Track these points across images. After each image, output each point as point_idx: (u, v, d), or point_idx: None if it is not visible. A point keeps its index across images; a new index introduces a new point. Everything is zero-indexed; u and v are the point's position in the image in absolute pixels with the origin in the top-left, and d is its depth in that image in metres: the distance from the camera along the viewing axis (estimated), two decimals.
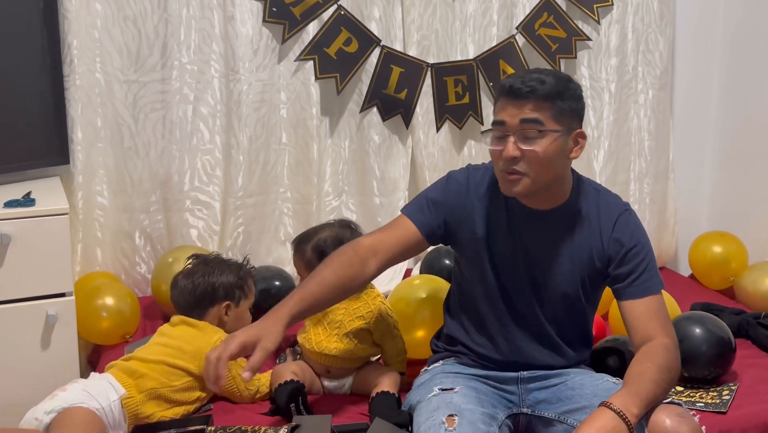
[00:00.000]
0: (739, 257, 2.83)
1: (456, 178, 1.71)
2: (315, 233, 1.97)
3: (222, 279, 1.89)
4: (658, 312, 1.59)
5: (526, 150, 1.53)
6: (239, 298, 1.92)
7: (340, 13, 2.54)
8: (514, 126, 1.53)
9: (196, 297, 1.87)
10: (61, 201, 2.07)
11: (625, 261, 1.62)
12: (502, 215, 1.66)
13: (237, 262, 1.99)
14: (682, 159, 3.10)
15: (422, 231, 1.67)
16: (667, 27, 2.91)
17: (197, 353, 1.74)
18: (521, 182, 1.55)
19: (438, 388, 1.63)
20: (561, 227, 1.65)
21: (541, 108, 1.53)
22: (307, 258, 1.93)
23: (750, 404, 1.86)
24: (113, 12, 2.36)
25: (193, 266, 1.93)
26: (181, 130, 2.47)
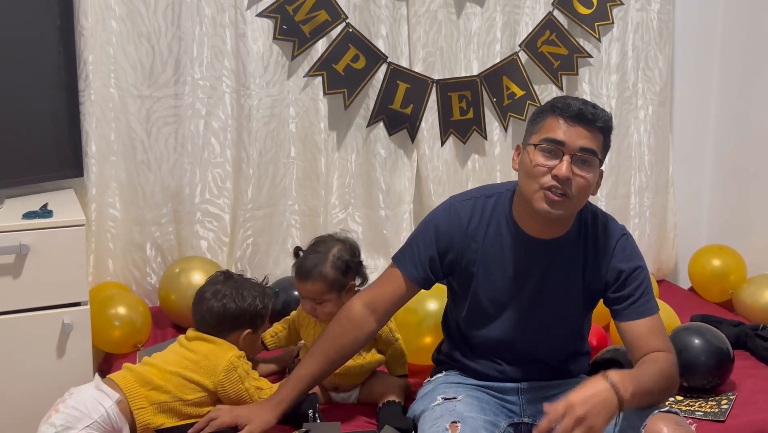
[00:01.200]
0: (737, 270, 2.86)
1: (444, 218, 1.70)
2: (320, 255, 1.88)
3: (249, 306, 1.84)
4: (659, 330, 1.63)
5: (579, 175, 1.53)
6: (259, 325, 1.89)
7: (348, 30, 2.60)
8: (573, 149, 1.53)
9: (223, 320, 1.82)
10: (77, 213, 2.13)
11: (624, 285, 1.65)
12: (500, 245, 1.67)
13: (259, 285, 1.93)
14: (681, 174, 3.14)
15: (417, 283, 1.70)
16: (666, 45, 2.97)
17: (213, 369, 1.75)
18: (564, 204, 1.55)
19: (441, 397, 1.67)
20: (560, 255, 1.66)
21: (598, 140, 1.56)
22: (331, 279, 1.85)
23: (748, 413, 1.90)
24: (128, 29, 2.42)
25: (222, 287, 1.86)
26: (193, 144, 2.53)
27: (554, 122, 1.55)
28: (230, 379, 1.75)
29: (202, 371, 1.76)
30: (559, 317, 1.71)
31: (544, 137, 1.55)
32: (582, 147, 1.53)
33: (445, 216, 1.69)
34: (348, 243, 1.94)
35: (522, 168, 1.61)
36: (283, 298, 2.37)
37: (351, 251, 1.91)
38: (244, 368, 1.78)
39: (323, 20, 2.57)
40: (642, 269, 1.67)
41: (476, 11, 2.75)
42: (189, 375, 1.74)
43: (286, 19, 2.53)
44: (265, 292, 1.91)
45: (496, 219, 1.67)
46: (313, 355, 1.70)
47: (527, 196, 1.58)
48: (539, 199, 1.55)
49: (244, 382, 1.77)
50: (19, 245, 1.92)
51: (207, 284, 1.89)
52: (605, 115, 1.57)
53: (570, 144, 1.53)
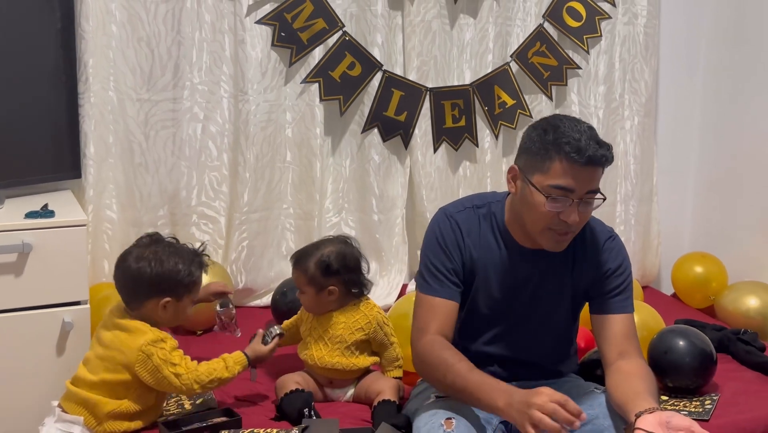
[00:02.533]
0: (719, 277, 2.92)
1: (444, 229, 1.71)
2: (316, 249, 1.98)
3: (169, 272, 1.71)
4: (633, 332, 1.68)
5: (584, 214, 1.58)
6: (183, 294, 1.75)
7: (345, 39, 2.65)
8: (581, 194, 1.54)
9: (138, 285, 1.71)
10: (78, 213, 2.16)
11: (609, 281, 1.70)
12: (496, 253, 1.71)
13: (190, 251, 1.80)
14: (665, 183, 3.22)
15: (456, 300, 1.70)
16: (651, 58, 3.05)
17: (128, 362, 1.67)
18: (569, 239, 1.62)
19: (435, 395, 1.71)
20: (553, 261, 1.70)
21: (600, 174, 1.57)
22: (311, 274, 1.94)
23: (731, 413, 1.96)
24: (128, 34, 2.45)
25: (144, 250, 1.75)
26: (191, 148, 2.56)
27: (563, 167, 1.52)
28: (146, 369, 1.68)
29: (120, 367, 1.68)
30: (551, 321, 1.76)
31: (553, 184, 1.54)
32: (591, 190, 1.56)
33: (446, 226, 1.71)
34: (342, 252, 1.97)
35: (525, 203, 1.61)
36: (290, 297, 2.38)
37: (340, 257, 1.96)
38: (159, 355, 1.68)
39: (321, 28, 2.62)
40: (626, 268, 1.72)
41: (469, 22, 2.81)
42: (113, 378, 1.68)
43: (285, 27, 2.58)
44: (194, 260, 1.78)
45: (489, 229, 1.72)
46: (467, 370, 1.59)
47: (531, 231, 1.62)
48: (546, 239, 1.61)
49: (162, 370, 1.67)
50: (22, 244, 1.94)
51: (132, 245, 1.79)
52: (610, 153, 1.56)
53: (580, 190, 1.54)
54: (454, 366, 1.57)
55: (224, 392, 1.98)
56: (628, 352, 1.64)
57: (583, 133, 1.54)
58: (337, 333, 1.95)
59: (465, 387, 1.54)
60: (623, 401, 1.52)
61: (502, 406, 1.45)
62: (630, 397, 1.50)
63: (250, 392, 2.01)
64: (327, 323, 1.97)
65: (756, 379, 2.19)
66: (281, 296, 2.48)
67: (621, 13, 2.98)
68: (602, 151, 1.54)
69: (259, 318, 2.57)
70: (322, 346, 1.96)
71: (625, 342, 1.65)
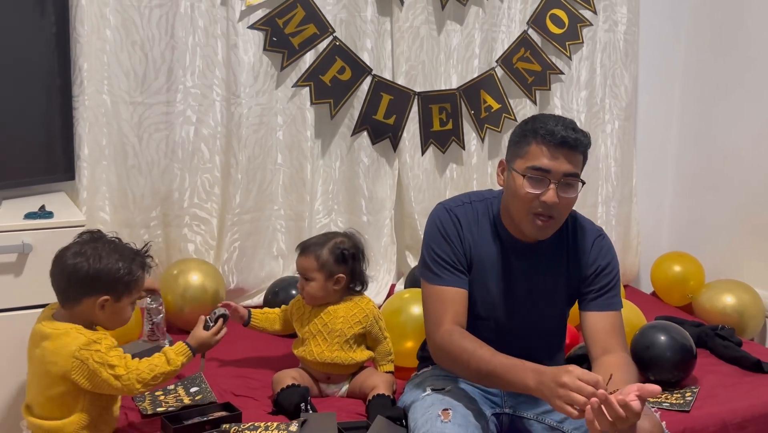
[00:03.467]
0: (696, 275, 3.01)
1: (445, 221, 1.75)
2: (327, 238, 2.03)
3: (106, 269, 1.61)
4: (619, 329, 1.72)
5: (564, 197, 1.62)
6: (122, 293, 1.64)
7: (335, 44, 2.70)
8: (558, 176, 1.61)
9: (73, 282, 1.61)
10: (76, 214, 2.18)
11: (597, 279, 1.76)
12: (493, 247, 1.76)
13: (132, 250, 1.71)
14: (644, 185, 3.30)
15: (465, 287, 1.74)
16: (631, 64, 3.14)
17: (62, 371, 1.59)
18: (551, 226, 1.66)
19: (430, 388, 1.76)
20: (546, 256, 1.77)
21: (579, 161, 1.64)
22: (323, 259, 1.98)
23: (710, 405, 2.05)
24: (122, 38, 2.48)
25: (83, 246, 1.65)
26: (183, 150, 2.59)
27: (539, 150, 1.61)
28: (83, 375, 1.59)
29: (57, 378, 1.59)
30: (543, 315, 1.81)
31: (530, 165, 1.62)
32: (566, 173, 1.61)
33: (446, 218, 1.76)
34: (353, 238, 2.05)
35: (509, 190, 1.69)
36: (282, 297, 2.44)
37: (353, 247, 2.02)
38: (94, 358, 1.58)
39: (311, 33, 2.66)
40: (614, 266, 1.78)
41: (456, 28, 2.88)
42: (50, 392, 1.61)
43: (276, 32, 2.62)
44: (136, 259, 1.68)
45: (486, 224, 1.78)
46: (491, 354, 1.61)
47: (516, 219, 1.69)
48: (528, 223, 1.66)
49: (100, 374, 1.58)
50: (22, 244, 1.96)
51: (72, 242, 1.69)
52: (585, 138, 1.64)
53: (555, 171, 1.61)
54: (475, 352, 1.60)
55: (220, 387, 2.01)
56: (613, 348, 1.68)
57: (560, 121, 1.64)
58: (337, 327, 2.00)
59: (493, 371, 1.57)
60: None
61: (533, 385, 1.48)
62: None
63: (246, 388, 2.05)
64: (326, 318, 2.02)
65: (733, 372, 2.28)
66: (273, 295, 2.52)
67: (602, 20, 3.07)
68: (575, 135, 1.61)
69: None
70: (321, 341, 2.00)
71: (611, 338, 1.69)
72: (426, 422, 1.62)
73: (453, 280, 1.73)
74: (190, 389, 2.00)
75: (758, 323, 2.79)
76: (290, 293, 2.44)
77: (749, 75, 2.97)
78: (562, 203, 1.63)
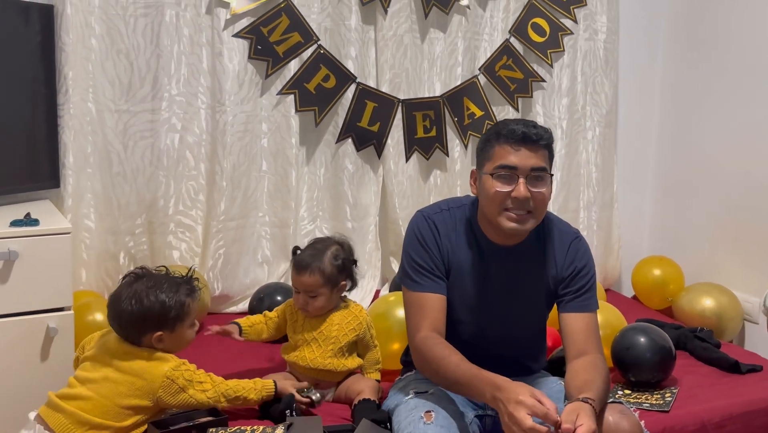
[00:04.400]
0: (676, 279, 3.05)
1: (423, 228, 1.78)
2: (320, 252, 1.98)
3: (150, 308, 1.70)
4: (594, 330, 1.75)
5: (535, 192, 1.66)
6: (173, 325, 1.74)
7: (320, 52, 2.73)
8: (525, 171, 1.65)
9: (126, 326, 1.72)
10: (61, 221, 2.18)
11: (574, 280, 1.79)
12: (471, 252, 1.79)
13: (176, 279, 1.77)
14: (625, 190, 3.35)
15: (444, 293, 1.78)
16: (611, 72, 3.19)
17: (150, 388, 1.70)
18: (529, 219, 1.69)
19: (413, 391, 1.78)
20: (524, 260, 1.79)
21: (544, 155, 1.68)
22: (328, 273, 1.96)
23: (689, 405, 2.08)
24: (107, 46, 2.49)
25: (127, 288, 1.74)
26: (168, 158, 2.60)
27: (503, 150, 1.67)
28: (169, 392, 1.72)
29: (139, 392, 1.70)
30: (523, 318, 1.84)
31: (498, 165, 1.67)
32: (533, 167, 1.66)
33: (424, 226, 1.79)
34: (345, 244, 2.05)
35: (482, 194, 1.72)
36: (267, 303, 2.46)
37: (348, 250, 2.04)
38: (184, 376, 1.73)
39: (296, 42, 2.69)
40: (590, 268, 1.81)
41: (439, 36, 2.92)
42: (127, 402, 1.69)
43: (261, 40, 2.64)
44: (180, 288, 1.75)
45: (464, 230, 1.80)
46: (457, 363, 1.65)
47: (492, 220, 1.72)
48: (504, 220, 1.68)
49: (186, 390, 1.73)
50: (8, 252, 1.97)
51: (119, 286, 1.78)
52: (546, 132, 1.69)
53: (522, 167, 1.65)
54: (444, 360, 1.65)
55: None
56: (588, 349, 1.71)
57: (520, 121, 1.70)
58: (332, 334, 2.00)
59: (458, 380, 1.62)
60: (570, 394, 1.63)
61: (489, 398, 1.53)
62: (574, 391, 1.60)
63: None
64: (321, 324, 2.01)
65: (712, 373, 2.32)
66: (258, 302, 2.53)
67: (582, 29, 3.12)
68: (535, 130, 1.66)
69: None
70: (315, 347, 2.00)
71: (587, 339, 1.73)
72: (409, 424, 1.64)
73: (431, 286, 1.76)
74: None
75: (737, 325, 2.84)
76: (275, 299, 2.46)
77: (725, 82, 3.03)
78: (535, 198, 1.67)
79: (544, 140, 1.68)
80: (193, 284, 1.80)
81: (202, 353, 2.33)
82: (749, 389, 2.20)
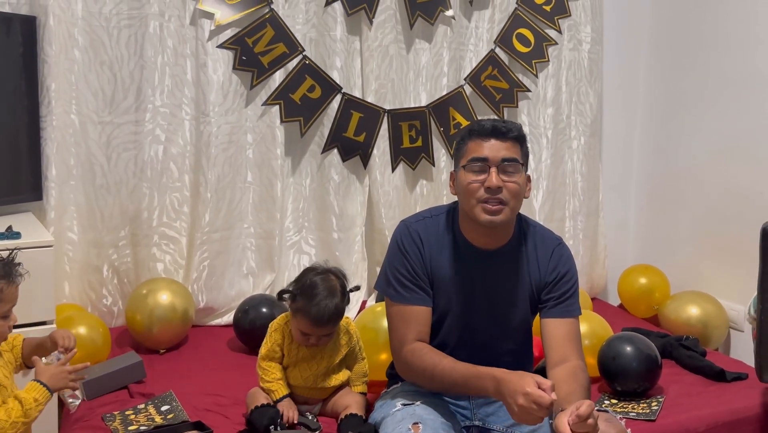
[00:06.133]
0: (662, 287, 3.07)
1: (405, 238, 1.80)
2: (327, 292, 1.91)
3: None
4: (575, 336, 1.76)
5: (507, 181, 1.69)
6: None
7: (305, 62, 2.73)
8: (496, 161, 1.70)
9: None
10: (44, 234, 2.17)
11: (556, 286, 1.80)
12: (454, 257, 1.80)
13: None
14: (610, 199, 3.37)
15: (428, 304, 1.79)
16: (596, 81, 3.21)
17: None
18: (503, 211, 1.70)
19: (400, 403, 1.78)
20: (506, 264, 1.80)
21: (516, 149, 1.73)
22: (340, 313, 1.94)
23: (675, 413, 2.09)
24: (90, 58, 2.48)
25: None
26: (152, 169, 2.59)
27: (475, 144, 1.72)
28: None
29: None
30: (508, 323, 1.83)
31: (470, 158, 1.72)
32: (504, 158, 1.70)
33: (407, 235, 1.80)
34: (338, 273, 1.99)
35: (459, 189, 1.77)
36: (252, 315, 2.43)
37: (344, 277, 1.99)
38: None
39: (281, 52, 2.69)
40: (573, 273, 1.82)
41: (425, 47, 2.93)
42: None
43: (246, 51, 2.64)
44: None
45: (447, 235, 1.81)
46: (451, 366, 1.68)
47: (469, 213, 1.74)
48: (480, 212, 1.71)
49: None
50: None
51: None
52: (516, 126, 1.75)
53: (493, 157, 1.70)
54: (437, 367, 1.68)
55: (190, 404, 2.01)
56: (569, 356, 1.72)
57: (491, 119, 1.79)
58: (326, 352, 1.98)
59: (454, 382, 1.65)
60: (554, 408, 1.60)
61: (493, 392, 1.56)
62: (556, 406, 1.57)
63: (216, 405, 2.05)
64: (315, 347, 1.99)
65: (698, 382, 2.33)
66: (243, 314, 2.51)
67: (567, 39, 3.14)
68: (504, 124, 1.73)
69: (220, 337, 2.62)
70: (307, 367, 1.98)
71: (569, 346, 1.73)
72: None
73: (414, 298, 1.78)
74: (161, 407, 2.00)
75: (722, 333, 2.85)
76: (261, 311, 2.44)
77: (708, 92, 3.06)
78: (509, 188, 1.70)
79: (513, 132, 1.73)
80: (12, 268, 1.59)
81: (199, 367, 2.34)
82: (735, 397, 2.20)
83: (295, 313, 1.93)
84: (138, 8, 2.50)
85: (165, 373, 2.26)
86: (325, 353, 1.99)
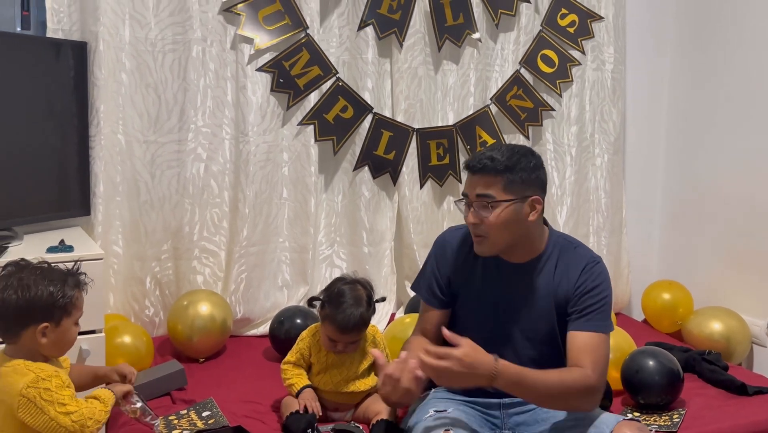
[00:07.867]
0: (685, 303, 3.09)
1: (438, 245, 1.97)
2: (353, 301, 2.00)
3: (37, 297, 1.57)
4: (593, 349, 1.73)
5: (482, 216, 1.77)
6: (60, 317, 1.61)
7: (338, 84, 2.84)
8: (472, 198, 1.79)
9: (7, 316, 1.58)
10: (94, 248, 2.29)
11: (581, 300, 1.80)
12: (482, 270, 1.88)
13: (62, 271, 1.66)
14: (633, 216, 3.40)
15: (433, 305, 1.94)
16: (619, 100, 3.27)
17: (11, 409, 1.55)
18: (483, 243, 1.81)
19: (433, 410, 1.85)
20: (537, 276, 1.86)
21: (492, 183, 1.75)
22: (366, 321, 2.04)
23: (697, 426, 2.13)
24: (137, 81, 2.61)
25: (8, 278, 1.60)
26: (194, 186, 2.71)
27: (466, 178, 1.82)
28: (30, 414, 1.54)
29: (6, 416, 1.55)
30: (536, 334, 1.88)
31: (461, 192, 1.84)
32: (477, 194, 1.77)
33: (441, 243, 1.96)
34: (365, 283, 2.09)
35: None
36: (287, 326, 2.52)
37: (371, 288, 2.08)
38: (42, 396, 1.55)
39: (316, 75, 2.80)
40: (603, 290, 1.82)
41: (452, 68, 3.02)
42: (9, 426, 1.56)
43: (283, 74, 2.76)
44: (68, 280, 1.64)
45: None
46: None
47: None
48: (474, 243, 1.83)
49: (47, 411, 1.54)
50: None
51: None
52: (492, 162, 1.73)
53: (470, 195, 1.79)
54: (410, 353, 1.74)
55: (229, 410, 2.10)
56: (582, 364, 1.71)
57: (485, 150, 1.79)
58: (355, 358, 2.07)
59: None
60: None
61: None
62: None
63: (255, 412, 2.13)
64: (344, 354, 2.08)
65: (719, 395, 2.37)
66: (278, 324, 2.60)
67: (590, 60, 3.21)
68: (483, 160, 1.75)
69: (256, 346, 2.72)
70: (337, 372, 2.07)
71: (582, 355, 1.72)
72: None
73: (426, 295, 1.97)
74: (203, 413, 2.09)
75: (745, 349, 2.88)
76: (295, 321, 2.53)
77: (731, 109, 3.09)
78: (485, 223, 1.77)
79: (488, 169, 1.74)
80: (80, 277, 1.68)
81: (237, 376, 2.43)
82: (757, 410, 2.24)
83: (323, 320, 2.03)
84: (182, 33, 2.63)
85: (205, 381, 2.35)
86: (354, 359, 2.07)
